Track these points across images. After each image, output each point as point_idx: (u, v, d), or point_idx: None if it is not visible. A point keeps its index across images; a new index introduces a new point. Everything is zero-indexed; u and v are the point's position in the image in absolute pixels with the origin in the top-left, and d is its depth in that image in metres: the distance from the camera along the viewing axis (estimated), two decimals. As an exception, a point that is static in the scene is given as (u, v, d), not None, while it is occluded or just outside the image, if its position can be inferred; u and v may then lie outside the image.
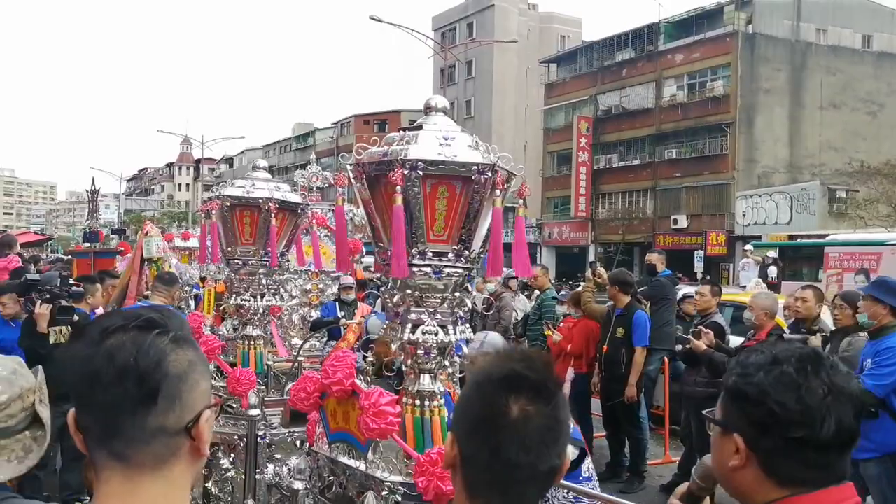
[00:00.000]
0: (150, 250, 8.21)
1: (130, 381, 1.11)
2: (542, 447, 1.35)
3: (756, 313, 6.31)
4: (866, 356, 5.03)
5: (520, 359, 1.43)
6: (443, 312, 2.79)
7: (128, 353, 1.12)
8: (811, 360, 1.43)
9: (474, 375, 1.47)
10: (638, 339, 7.35)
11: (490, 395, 1.37)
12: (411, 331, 2.74)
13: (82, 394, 1.14)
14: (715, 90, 37.39)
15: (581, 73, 45.42)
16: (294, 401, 2.84)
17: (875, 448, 4.91)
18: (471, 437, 1.38)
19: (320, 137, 69.48)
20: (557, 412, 1.39)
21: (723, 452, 1.48)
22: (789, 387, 1.39)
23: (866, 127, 37.64)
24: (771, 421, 1.39)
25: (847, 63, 38.47)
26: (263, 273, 4.60)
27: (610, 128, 42.85)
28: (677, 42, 39.85)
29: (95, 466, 1.16)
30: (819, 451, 1.39)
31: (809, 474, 1.40)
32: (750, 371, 1.45)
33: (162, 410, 1.13)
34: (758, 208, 33.87)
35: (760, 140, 36.73)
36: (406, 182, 2.59)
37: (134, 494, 1.14)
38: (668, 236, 37.62)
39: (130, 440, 1.12)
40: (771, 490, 1.42)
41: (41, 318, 5.03)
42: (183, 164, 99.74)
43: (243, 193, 4.44)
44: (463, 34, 52.60)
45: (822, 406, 1.38)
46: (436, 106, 2.89)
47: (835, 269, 17.10)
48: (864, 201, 28.93)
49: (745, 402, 1.43)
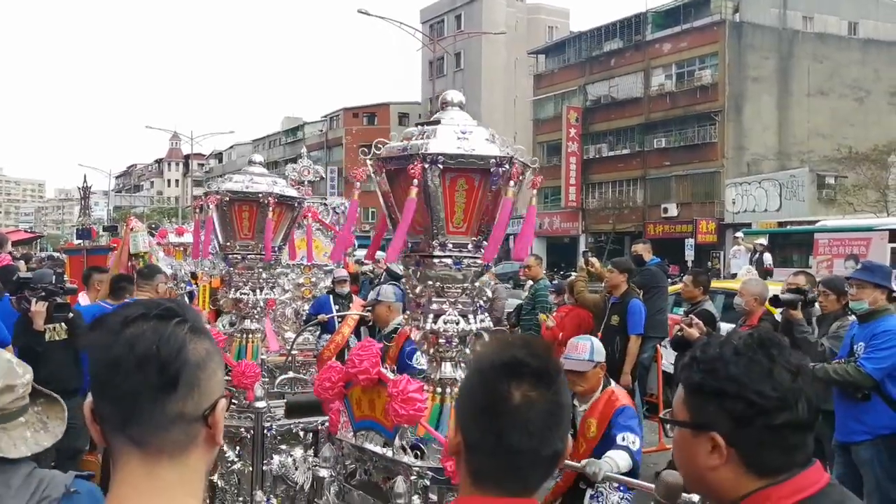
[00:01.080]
0: (137, 245, 8.19)
1: (152, 368, 1.13)
2: (544, 432, 1.36)
3: (746, 299, 6.34)
4: (858, 340, 5.05)
5: (520, 345, 1.44)
6: (463, 302, 2.86)
7: (149, 341, 1.14)
8: (771, 343, 1.44)
9: (476, 363, 1.50)
10: (633, 326, 7.39)
11: (492, 382, 1.39)
12: (433, 320, 2.81)
13: (103, 381, 1.16)
14: (703, 79, 37.49)
15: (569, 64, 45.43)
16: (319, 390, 2.87)
17: (867, 430, 4.96)
18: (474, 425, 1.39)
19: (309, 131, 69.20)
20: (559, 397, 1.41)
21: (695, 454, 1.45)
22: (762, 374, 1.40)
23: (854, 113, 37.81)
24: (751, 411, 1.38)
25: (834, 50, 38.62)
26: (262, 267, 4.63)
27: (599, 118, 42.91)
28: (665, 31, 39.91)
29: (114, 453, 1.17)
30: (797, 432, 1.41)
31: (786, 459, 1.41)
32: (716, 366, 1.43)
33: (181, 397, 1.15)
34: (747, 196, 34.00)
35: (749, 128, 36.87)
36: (425, 175, 2.66)
37: (152, 480, 1.15)
38: (659, 225, 37.74)
39: (150, 426, 1.14)
40: (750, 482, 1.41)
41: (38, 315, 5.03)
42: (172, 160, 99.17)
43: (242, 188, 4.47)
44: (451, 26, 52.51)
45: (795, 388, 1.40)
46: (452, 101, 2.97)
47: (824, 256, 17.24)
48: (853, 187, 29.07)
49: (721, 398, 1.41)
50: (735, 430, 1.40)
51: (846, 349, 5.15)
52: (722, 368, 1.42)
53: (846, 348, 5.16)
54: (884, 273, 5.21)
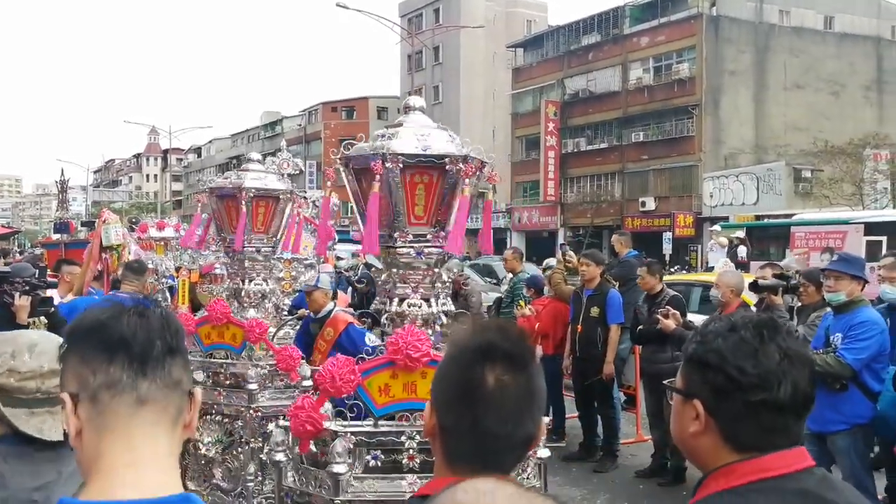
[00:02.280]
0: (109, 237, 8.05)
1: (164, 331, 1.26)
2: (517, 416, 1.38)
3: (722, 290, 6.34)
4: (834, 330, 5.07)
5: (494, 329, 1.45)
6: (425, 287, 3.15)
7: (157, 314, 1.28)
8: (767, 326, 1.47)
9: (450, 347, 1.51)
10: (613, 316, 7.43)
11: (466, 366, 1.40)
12: (398, 304, 3.12)
13: (116, 340, 1.22)
14: (680, 73, 37.68)
15: (548, 58, 45.49)
16: (331, 385, 2.85)
17: (844, 420, 5.00)
18: (448, 408, 1.40)
19: (288, 125, 68.85)
20: (532, 381, 1.42)
21: (683, 419, 1.51)
22: (747, 352, 1.43)
23: (830, 107, 38.18)
24: (730, 386, 1.42)
25: (810, 44, 38.96)
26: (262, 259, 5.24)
27: (577, 112, 43.01)
28: (643, 25, 40.06)
29: (107, 423, 1.21)
30: (776, 414, 1.42)
31: (765, 439, 1.43)
32: (709, 339, 1.48)
33: (180, 365, 1.27)
34: (725, 189, 34.25)
35: (726, 122, 37.12)
36: (388, 173, 2.96)
37: (148, 442, 1.22)
38: (637, 219, 37.92)
39: (159, 385, 1.23)
40: (727, 454, 1.44)
41: (21, 309, 4.97)
42: (150, 155, 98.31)
43: (262, 185, 5.08)
44: (429, 20, 52.35)
45: (779, 370, 1.41)
46: (413, 105, 3.29)
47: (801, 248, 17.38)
48: (829, 180, 29.34)
49: (705, 368, 1.46)
50: (714, 401, 1.45)
51: (821, 340, 5.18)
52: (712, 341, 1.47)
53: (821, 339, 5.19)
54: (860, 264, 5.28)
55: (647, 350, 7.25)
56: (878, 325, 4.99)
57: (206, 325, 5.02)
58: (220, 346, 5.05)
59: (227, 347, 5.02)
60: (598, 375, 7.44)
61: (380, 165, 2.94)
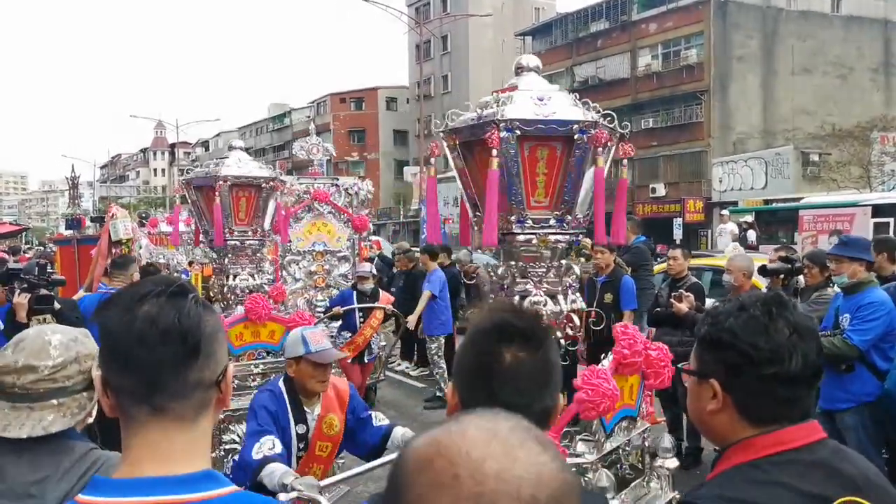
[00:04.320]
0: (118, 232, 8.03)
1: (176, 339, 1.22)
2: (534, 390, 1.49)
3: (734, 274, 6.48)
4: (843, 311, 5.17)
5: (509, 310, 1.59)
6: (550, 281, 2.72)
7: (170, 315, 1.23)
8: (775, 303, 1.55)
9: (470, 329, 1.61)
10: (627, 302, 7.56)
11: (484, 345, 1.51)
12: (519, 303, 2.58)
13: (125, 355, 1.22)
14: (689, 59, 37.55)
15: (556, 45, 45.36)
16: None
17: (852, 398, 5.11)
18: (469, 385, 1.51)
19: (296, 118, 68.78)
20: (548, 356, 1.53)
21: (700, 399, 1.57)
22: (757, 328, 1.50)
23: (837, 91, 38.00)
24: (744, 361, 1.49)
25: (817, 28, 38.73)
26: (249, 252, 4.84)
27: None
28: (651, 11, 39.88)
29: (128, 422, 1.25)
30: (788, 385, 1.49)
31: (779, 411, 1.50)
32: (720, 319, 1.55)
33: (201, 366, 1.25)
34: (734, 174, 34.21)
35: (734, 107, 37.02)
36: (503, 144, 2.44)
37: (169, 443, 1.24)
38: (647, 205, 37.91)
39: (173, 394, 1.23)
40: (744, 429, 1.51)
41: (20, 307, 4.95)
42: (157, 149, 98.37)
43: (242, 173, 4.70)
44: (437, 9, 52.25)
45: (789, 343, 1.49)
46: (527, 65, 2.79)
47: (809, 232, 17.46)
48: (837, 164, 29.27)
49: (718, 347, 1.53)
50: (729, 378, 1.52)
51: (830, 320, 5.26)
52: (724, 321, 1.54)
53: (830, 319, 5.27)
54: (860, 246, 5.36)
55: (658, 333, 7.41)
56: (885, 305, 5.07)
57: (239, 324, 4.75)
58: (255, 345, 4.86)
59: (263, 346, 4.87)
60: None
61: (497, 136, 2.41)
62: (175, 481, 1.22)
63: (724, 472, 1.52)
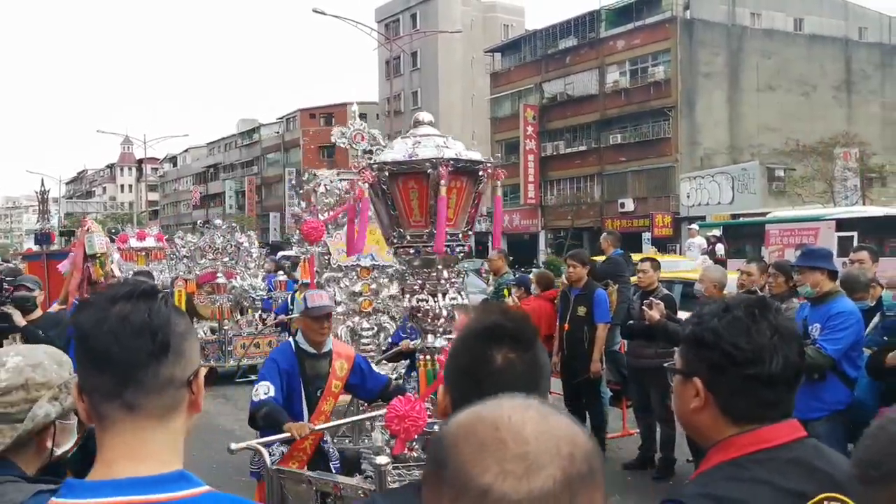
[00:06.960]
0: (93, 246, 7.98)
1: (146, 336, 1.25)
2: (524, 390, 1.45)
3: (706, 285, 6.54)
4: (812, 321, 5.21)
5: (500, 312, 1.62)
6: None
7: (142, 312, 1.26)
8: (759, 305, 1.59)
9: (460, 331, 1.64)
10: (600, 315, 7.56)
11: (475, 346, 1.53)
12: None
13: (99, 352, 1.25)
14: (656, 75, 38.12)
15: (525, 62, 45.81)
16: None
17: (825, 407, 5.12)
18: (460, 386, 1.53)
19: (266, 133, 68.56)
20: (537, 357, 1.56)
21: (684, 397, 1.61)
22: (740, 329, 1.53)
23: (800, 108, 38.75)
24: (726, 361, 1.53)
25: (781, 46, 39.56)
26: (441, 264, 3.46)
27: (555, 115, 43.34)
28: (618, 28, 40.46)
29: (102, 422, 1.27)
30: (769, 386, 1.53)
31: (760, 411, 1.54)
32: (705, 319, 1.59)
33: (171, 363, 1.27)
34: (701, 189, 34.69)
35: (701, 123, 37.60)
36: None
37: (142, 443, 1.27)
38: (616, 220, 38.26)
39: (145, 390, 1.26)
40: (726, 428, 1.55)
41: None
42: (125, 165, 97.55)
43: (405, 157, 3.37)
44: (407, 25, 52.52)
45: (770, 345, 1.52)
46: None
47: (776, 245, 17.76)
48: (801, 179, 29.89)
49: (702, 346, 1.57)
50: (712, 377, 1.56)
51: (799, 330, 5.37)
52: (708, 321, 1.58)
53: (799, 329, 5.38)
54: (821, 256, 5.43)
55: (632, 345, 7.44)
56: (853, 314, 5.14)
57: None
58: None
59: None
60: (585, 374, 7.58)
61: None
62: (148, 482, 1.24)
63: (707, 471, 1.56)
